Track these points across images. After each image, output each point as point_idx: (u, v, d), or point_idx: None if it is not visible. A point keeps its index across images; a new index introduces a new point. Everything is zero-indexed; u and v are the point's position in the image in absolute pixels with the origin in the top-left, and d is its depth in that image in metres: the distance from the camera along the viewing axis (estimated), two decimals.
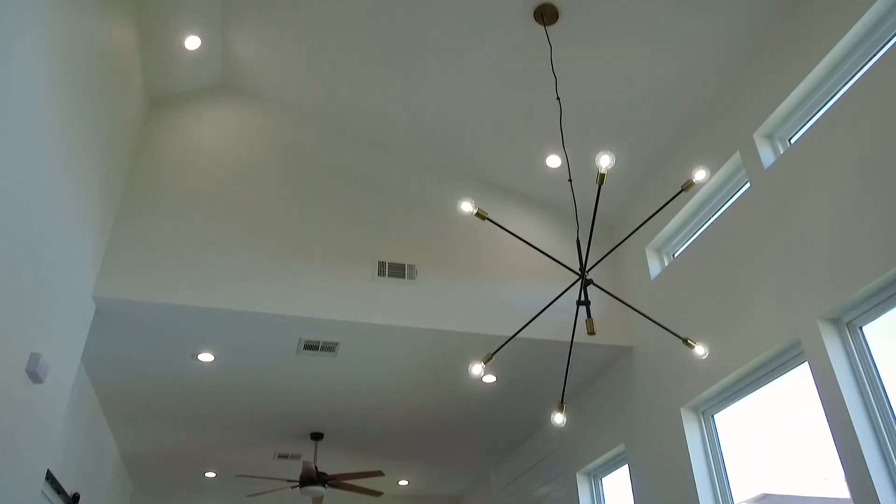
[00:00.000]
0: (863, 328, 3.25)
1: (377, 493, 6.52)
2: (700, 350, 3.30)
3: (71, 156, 3.35)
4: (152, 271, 4.16)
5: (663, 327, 3.40)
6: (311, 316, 4.32)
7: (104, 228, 4.06)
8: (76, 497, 5.00)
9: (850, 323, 3.28)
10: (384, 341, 4.68)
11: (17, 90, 2.66)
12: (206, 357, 4.82)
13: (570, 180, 3.59)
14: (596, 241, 5.26)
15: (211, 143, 4.80)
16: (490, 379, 5.34)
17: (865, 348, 3.22)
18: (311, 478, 6.04)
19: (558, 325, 4.78)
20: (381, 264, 4.65)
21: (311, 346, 4.71)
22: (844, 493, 3.24)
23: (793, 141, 3.87)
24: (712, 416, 4.26)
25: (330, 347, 4.74)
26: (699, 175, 2.94)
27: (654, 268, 4.92)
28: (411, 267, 4.71)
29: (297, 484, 6.37)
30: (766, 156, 3.90)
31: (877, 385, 3.12)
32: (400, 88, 4.66)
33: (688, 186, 2.91)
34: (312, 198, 4.81)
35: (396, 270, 4.66)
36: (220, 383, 5.25)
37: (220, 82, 4.99)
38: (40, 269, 3.13)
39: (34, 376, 3.15)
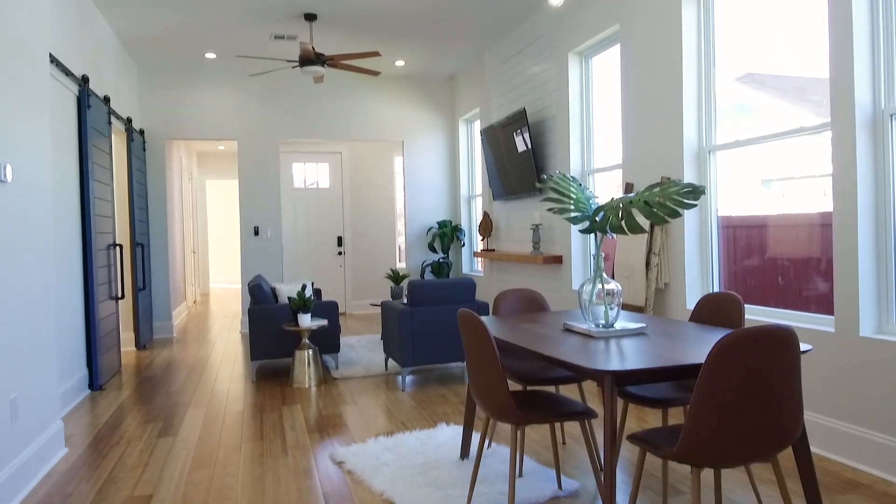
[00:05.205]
0: None
1: (375, 73, 6.75)
2: None
3: None
4: None
5: None
6: None
7: None
8: (85, 79, 5.20)
9: None
10: None
11: None
12: None
13: None
14: None
15: None
16: None
17: None
18: (309, 58, 6.16)
19: None
20: None
21: None
22: (825, 74, 3.41)
23: None
24: None
25: None
26: None
27: None
28: None
29: (297, 64, 6.53)
30: None
31: None
32: None
33: None
34: None
35: None
36: None
37: None
38: None
39: None
